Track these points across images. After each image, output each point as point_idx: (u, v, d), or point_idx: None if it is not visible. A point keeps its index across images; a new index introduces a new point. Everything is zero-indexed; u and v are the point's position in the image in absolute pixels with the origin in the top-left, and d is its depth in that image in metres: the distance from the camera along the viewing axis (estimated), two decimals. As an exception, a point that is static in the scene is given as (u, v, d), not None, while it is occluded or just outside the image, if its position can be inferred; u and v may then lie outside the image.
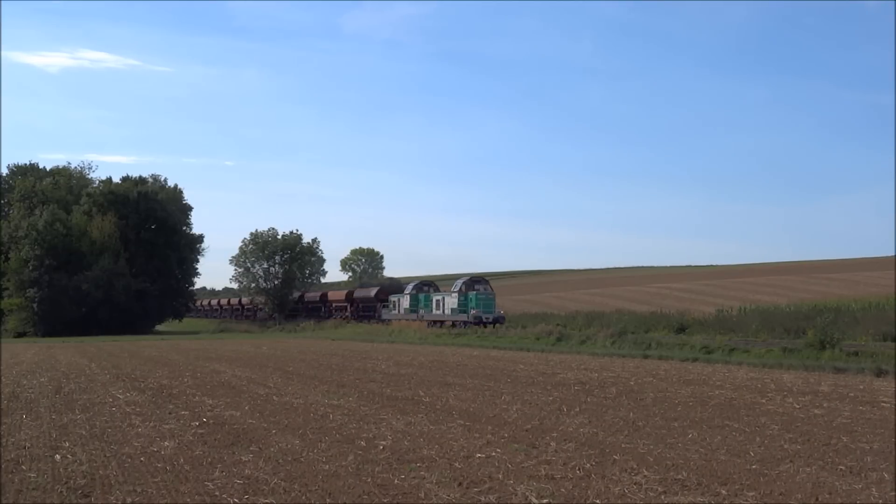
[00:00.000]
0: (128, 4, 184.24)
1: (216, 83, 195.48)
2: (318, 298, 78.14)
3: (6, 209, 76.89)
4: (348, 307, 69.79)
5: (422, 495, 7.51)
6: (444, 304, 50.24)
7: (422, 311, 52.52)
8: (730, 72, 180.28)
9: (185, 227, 76.41)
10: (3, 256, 68.48)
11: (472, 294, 48.32)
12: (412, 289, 55.25)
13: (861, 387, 16.84)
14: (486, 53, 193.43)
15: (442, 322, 49.30)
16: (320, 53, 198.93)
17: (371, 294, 65.29)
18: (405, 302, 55.14)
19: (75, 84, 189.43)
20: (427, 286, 55.71)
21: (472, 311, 46.63)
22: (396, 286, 63.59)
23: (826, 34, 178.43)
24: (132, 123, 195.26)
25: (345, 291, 76.55)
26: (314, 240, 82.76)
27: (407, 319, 52.90)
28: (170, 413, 13.41)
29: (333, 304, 75.10)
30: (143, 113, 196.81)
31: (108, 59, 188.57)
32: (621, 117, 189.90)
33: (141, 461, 9.21)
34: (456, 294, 49.04)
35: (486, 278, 54.44)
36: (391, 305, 57.81)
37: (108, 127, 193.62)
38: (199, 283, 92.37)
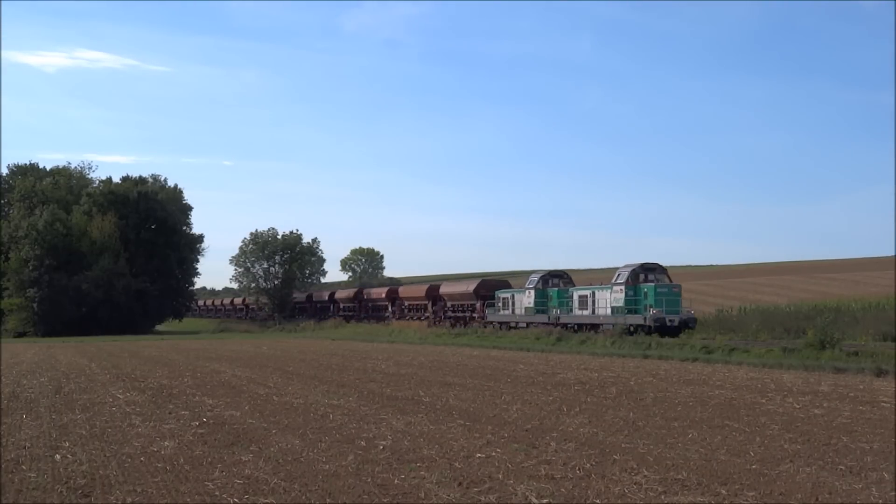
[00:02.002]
0: (126, 4, 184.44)
1: (215, 83, 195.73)
2: (351, 296, 69.22)
3: (6, 209, 76.84)
4: (429, 305, 56.11)
5: (422, 495, 7.51)
6: (593, 302, 37.00)
7: (556, 311, 39.54)
8: (729, 72, 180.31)
9: (185, 227, 76.36)
10: (3, 256, 68.44)
11: (647, 287, 33.98)
12: (538, 281, 41.74)
13: (861, 387, 16.83)
14: (485, 53, 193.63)
15: (594, 327, 36.06)
16: (319, 53, 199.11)
17: (468, 290, 50.68)
18: (526, 299, 42.22)
19: (73, 84, 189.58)
20: (557, 278, 42.17)
21: (653, 312, 32.71)
22: (501, 281, 52.36)
23: (826, 34, 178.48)
24: (130, 123, 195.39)
25: (405, 288, 64.47)
26: (314, 240, 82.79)
27: (529, 323, 40.85)
28: (170, 413, 13.41)
29: (373, 303, 64.94)
30: (141, 113, 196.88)
31: (106, 58, 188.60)
32: (621, 117, 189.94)
33: (141, 461, 9.21)
34: (620, 288, 34.87)
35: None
36: (500, 304, 45.15)
37: (106, 127, 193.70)
38: (199, 283, 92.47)
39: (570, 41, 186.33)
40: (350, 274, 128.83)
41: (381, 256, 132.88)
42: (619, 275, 35.57)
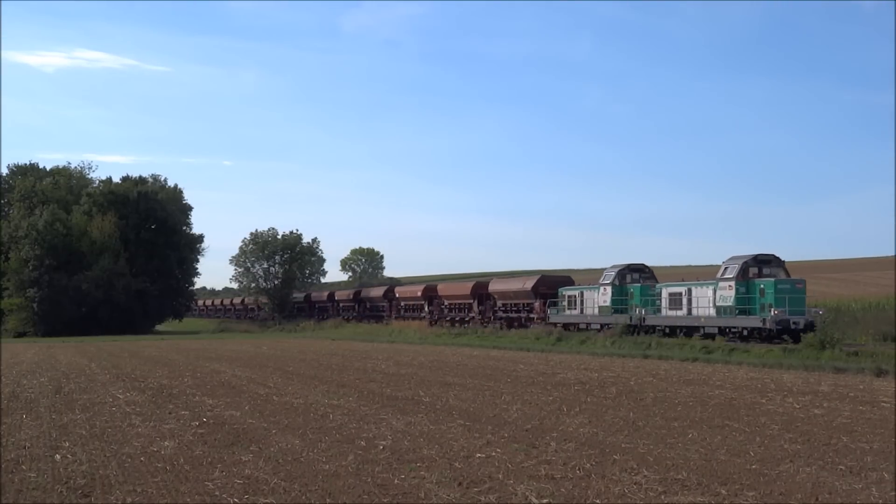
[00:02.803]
0: (125, 4, 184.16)
1: (214, 83, 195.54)
2: (381, 295, 64.45)
3: (6, 209, 76.83)
4: (475, 304, 49.99)
5: (422, 495, 7.51)
6: (689, 301, 31.77)
7: (640, 311, 33.35)
8: (729, 72, 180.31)
9: (185, 227, 76.36)
10: (3, 256, 68.44)
11: (763, 283, 28.83)
12: (615, 276, 35.80)
13: (861, 387, 16.84)
14: (485, 53, 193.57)
15: (691, 330, 30.73)
16: (319, 53, 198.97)
17: (525, 287, 44.43)
18: (600, 296, 36.27)
19: (72, 84, 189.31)
20: (637, 272, 36.24)
21: (775, 313, 27.64)
22: (563, 277, 45.59)
23: (826, 34, 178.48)
24: (130, 123, 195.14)
25: (445, 285, 57.76)
26: (314, 240, 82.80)
27: (605, 325, 35.14)
28: (170, 413, 13.41)
29: (403, 303, 60.69)
30: (141, 113, 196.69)
31: (105, 58, 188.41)
32: (621, 117, 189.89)
33: (141, 461, 9.21)
34: (728, 284, 29.65)
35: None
36: (566, 302, 39.15)
37: (105, 127, 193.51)
38: (199, 283, 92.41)
39: (569, 41, 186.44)
40: (350, 274, 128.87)
41: (381, 256, 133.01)
42: (724, 269, 30.33)
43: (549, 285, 42.93)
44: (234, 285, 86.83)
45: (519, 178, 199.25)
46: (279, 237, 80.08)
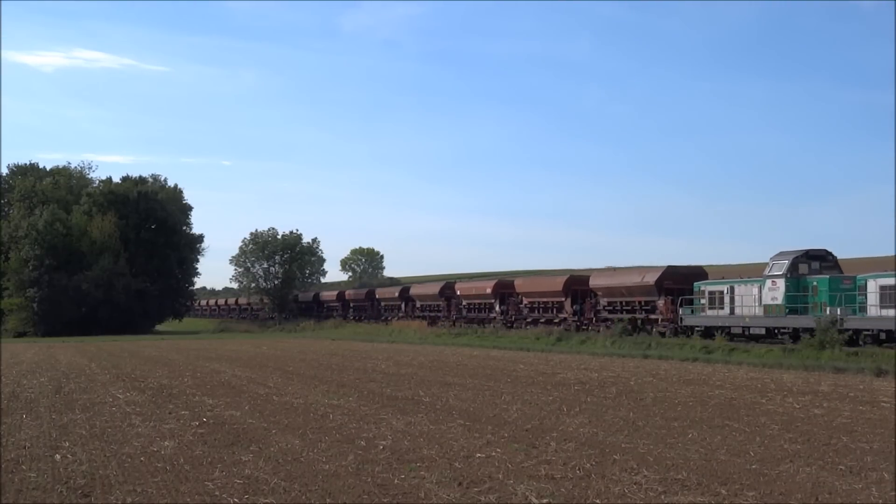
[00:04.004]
0: (123, 4, 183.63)
1: (213, 83, 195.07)
2: (436, 293, 56.12)
3: (6, 209, 76.84)
4: (567, 303, 41.77)
5: (422, 495, 7.51)
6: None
7: (837, 311, 25.63)
8: (729, 71, 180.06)
9: (185, 227, 76.35)
10: (3, 256, 68.45)
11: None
12: (788, 265, 28.04)
13: (861, 387, 16.85)
14: (484, 53, 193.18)
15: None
16: (318, 53, 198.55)
17: (645, 281, 36.30)
18: (766, 292, 28.56)
19: (71, 83, 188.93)
20: (817, 259, 28.63)
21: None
22: (695, 268, 37.79)
23: (825, 34, 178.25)
24: (129, 123, 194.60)
25: (523, 281, 48.30)
26: (314, 240, 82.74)
27: (774, 329, 28.21)
28: (170, 413, 13.42)
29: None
30: (140, 113, 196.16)
31: (104, 58, 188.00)
32: (621, 117, 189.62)
33: (141, 461, 9.21)
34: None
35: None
36: (707, 300, 31.87)
37: (104, 126, 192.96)
38: (199, 283, 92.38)
39: (569, 41, 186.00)
40: (350, 274, 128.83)
41: (381, 256, 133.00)
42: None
43: (678, 279, 35.28)
44: (234, 285, 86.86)
45: (519, 177, 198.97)
46: (279, 237, 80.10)
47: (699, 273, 36.36)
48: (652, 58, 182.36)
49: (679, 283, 35.13)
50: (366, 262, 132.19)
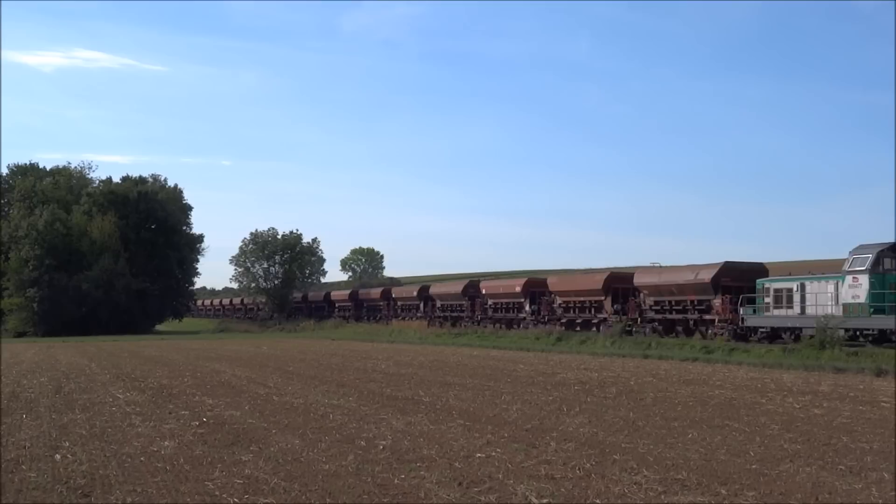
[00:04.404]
0: (122, 4, 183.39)
1: (213, 83, 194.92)
2: (459, 292, 53.09)
3: (6, 209, 76.86)
4: (606, 303, 39.04)
5: (422, 495, 7.51)
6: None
7: None
8: (729, 72, 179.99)
9: (185, 227, 76.37)
10: (3, 256, 68.47)
11: None
12: (872, 260, 25.42)
13: (861, 387, 16.85)
14: (484, 53, 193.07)
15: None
16: (318, 53, 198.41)
17: (699, 279, 33.43)
18: (846, 290, 25.98)
19: (70, 83, 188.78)
20: None
21: None
22: (754, 265, 34.10)
23: (825, 34, 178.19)
24: (128, 123, 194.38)
25: (560, 280, 45.04)
26: (314, 240, 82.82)
27: (858, 331, 25.57)
28: (170, 413, 13.42)
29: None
30: (139, 113, 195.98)
31: (103, 58, 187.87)
32: (620, 117, 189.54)
33: (141, 461, 9.22)
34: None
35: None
36: (772, 298, 29.02)
37: (104, 126, 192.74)
38: (199, 283, 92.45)
39: (568, 41, 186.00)
40: (350, 274, 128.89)
41: (381, 256, 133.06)
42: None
43: (737, 276, 32.38)
44: (234, 285, 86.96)
45: (518, 177, 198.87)
46: (279, 237, 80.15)
47: (759, 269, 33.16)
48: (652, 58, 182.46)
49: (738, 280, 32.22)
50: (366, 262, 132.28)
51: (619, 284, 38.54)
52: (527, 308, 44.92)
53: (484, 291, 50.10)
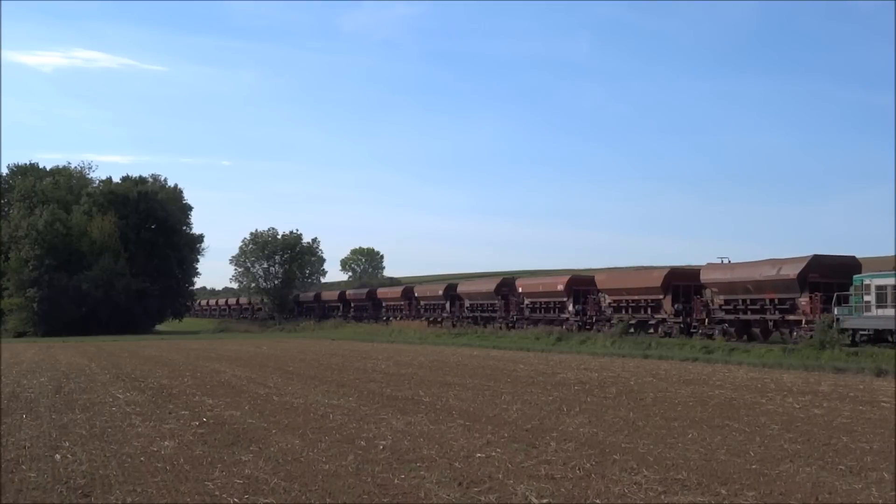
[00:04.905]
0: (121, 4, 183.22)
1: (212, 83, 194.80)
2: (491, 290, 49.62)
3: (6, 209, 76.87)
4: (664, 302, 35.67)
5: (422, 495, 7.51)
6: None
7: None
8: (729, 72, 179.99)
9: (185, 227, 76.37)
10: (3, 256, 68.48)
11: None
12: None
13: (861, 387, 16.85)
14: (483, 53, 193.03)
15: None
16: (318, 53, 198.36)
17: (783, 274, 30.17)
18: None
19: (69, 83, 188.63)
20: None
21: None
22: (846, 258, 30.51)
23: (825, 34, 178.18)
24: (128, 123, 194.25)
25: (629, 276, 41.12)
26: (314, 240, 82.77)
27: None
28: (170, 413, 13.41)
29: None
30: (138, 112, 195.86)
31: (102, 58, 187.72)
32: (620, 117, 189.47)
33: (141, 461, 9.21)
34: None
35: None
36: (874, 297, 26.09)
37: (103, 126, 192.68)
38: (199, 283, 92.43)
39: (568, 41, 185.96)
40: (350, 274, 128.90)
41: (381, 256, 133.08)
42: None
43: (827, 271, 29.22)
44: (235, 285, 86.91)
45: (518, 177, 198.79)
46: (279, 237, 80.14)
47: (853, 264, 29.57)
48: (651, 58, 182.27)
49: (827, 276, 28.87)
50: (366, 262, 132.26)
51: (681, 282, 35.36)
52: (570, 308, 41.44)
53: (520, 290, 46.54)
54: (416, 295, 59.55)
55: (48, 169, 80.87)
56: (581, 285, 42.15)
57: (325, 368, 23.08)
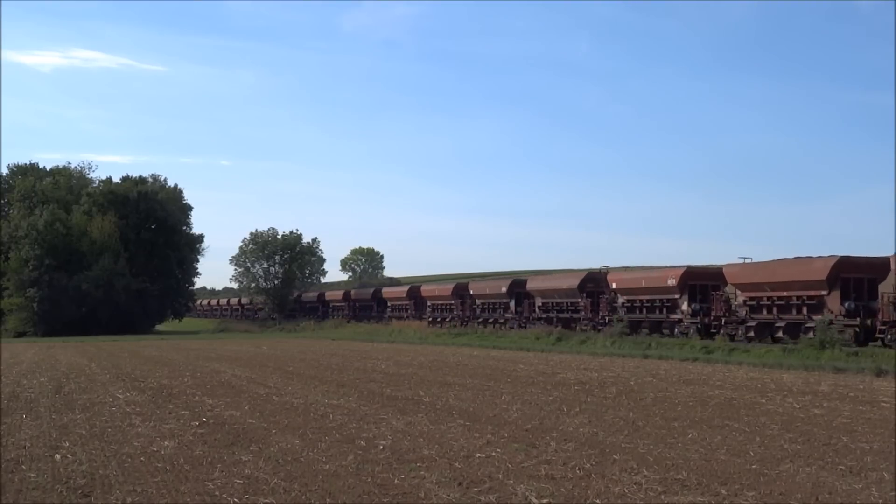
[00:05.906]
0: (120, 4, 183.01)
1: (212, 83, 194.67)
2: (502, 291, 48.60)
3: (6, 209, 76.89)
4: (678, 299, 34.77)
5: (422, 495, 7.51)
6: None
7: None
8: (728, 72, 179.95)
9: (185, 227, 76.36)
10: (3, 256, 68.49)
11: None
12: None
13: (861, 387, 16.85)
14: (483, 53, 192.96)
15: None
16: (317, 53, 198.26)
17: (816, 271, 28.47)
18: None
19: (69, 83, 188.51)
20: None
21: None
22: (881, 261, 28.11)
23: (825, 34, 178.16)
24: (127, 123, 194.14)
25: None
26: (314, 240, 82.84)
27: None
28: (170, 413, 13.41)
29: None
30: (138, 113, 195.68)
31: (101, 58, 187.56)
32: (620, 117, 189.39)
33: (141, 461, 9.21)
34: None
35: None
36: None
37: (102, 126, 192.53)
38: (199, 283, 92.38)
39: (568, 41, 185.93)
40: (350, 274, 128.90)
41: (381, 256, 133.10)
42: None
43: (854, 269, 27.46)
44: (234, 285, 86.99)
45: (518, 177, 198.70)
46: (279, 237, 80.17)
47: (883, 265, 27.16)
48: (651, 58, 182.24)
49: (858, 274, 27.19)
50: (366, 262, 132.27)
51: (699, 281, 34.32)
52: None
53: (532, 289, 45.70)
54: (422, 295, 58.94)
55: (48, 169, 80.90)
56: (593, 284, 40.40)
57: (325, 368, 23.08)
